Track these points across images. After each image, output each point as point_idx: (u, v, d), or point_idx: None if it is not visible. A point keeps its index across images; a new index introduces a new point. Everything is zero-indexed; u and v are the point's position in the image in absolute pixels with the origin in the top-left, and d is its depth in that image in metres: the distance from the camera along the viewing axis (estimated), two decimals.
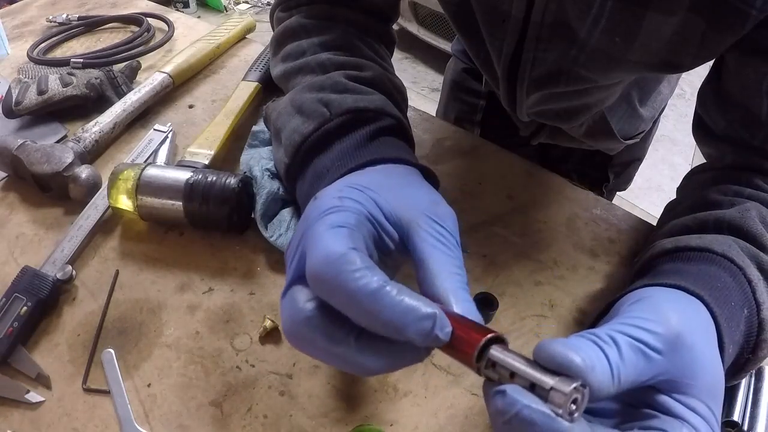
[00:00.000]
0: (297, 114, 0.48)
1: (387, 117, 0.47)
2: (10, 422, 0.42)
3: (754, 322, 0.38)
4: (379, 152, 0.43)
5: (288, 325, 0.31)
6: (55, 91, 0.67)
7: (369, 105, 0.47)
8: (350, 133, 0.45)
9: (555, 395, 0.25)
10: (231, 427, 0.42)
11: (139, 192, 0.53)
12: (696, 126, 0.55)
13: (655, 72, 0.50)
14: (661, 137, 2.44)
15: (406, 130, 0.49)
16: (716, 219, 0.44)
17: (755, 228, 0.42)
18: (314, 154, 0.46)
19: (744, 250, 0.40)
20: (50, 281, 0.49)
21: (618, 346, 0.28)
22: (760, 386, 0.43)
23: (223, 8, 3.43)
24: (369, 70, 0.52)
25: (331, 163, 0.43)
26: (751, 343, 0.38)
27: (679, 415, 0.29)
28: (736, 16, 0.41)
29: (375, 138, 0.45)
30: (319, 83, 0.50)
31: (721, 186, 0.48)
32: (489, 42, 0.57)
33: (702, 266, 0.40)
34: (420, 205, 0.36)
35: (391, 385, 0.44)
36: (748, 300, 0.38)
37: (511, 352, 0.27)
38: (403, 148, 0.46)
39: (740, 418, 0.42)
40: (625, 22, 0.45)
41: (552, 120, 0.68)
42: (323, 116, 0.46)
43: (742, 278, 0.39)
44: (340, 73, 0.50)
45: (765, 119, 0.46)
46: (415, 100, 2.42)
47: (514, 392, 0.25)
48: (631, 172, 0.94)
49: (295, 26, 0.57)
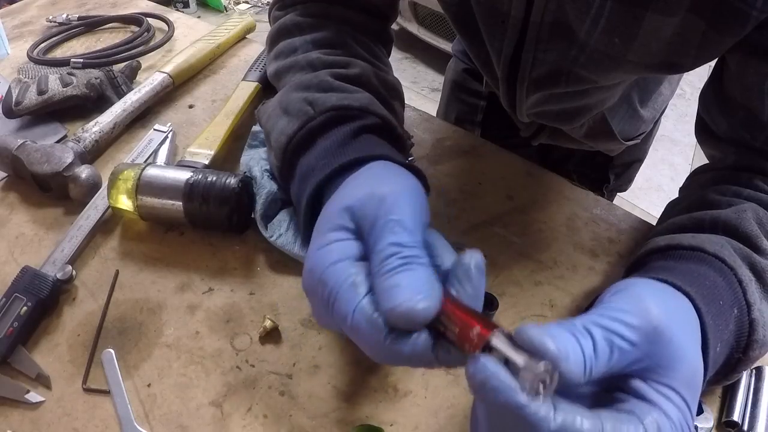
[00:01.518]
0: (283, 115, 0.48)
1: (371, 115, 0.47)
2: (10, 422, 0.42)
3: (744, 322, 0.38)
4: (363, 150, 0.42)
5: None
6: (55, 91, 0.67)
7: (353, 103, 0.47)
8: (333, 130, 0.45)
9: (525, 373, 0.26)
10: (231, 427, 0.42)
11: (139, 192, 0.53)
12: (699, 128, 0.55)
13: (655, 73, 0.50)
14: (661, 137, 2.44)
15: (393, 128, 0.48)
16: (712, 218, 0.44)
17: (750, 229, 0.42)
18: (300, 153, 0.46)
19: (737, 251, 0.40)
20: (50, 281, 0.49)
21: (593, 340, 0.28)
22: (760, 386, 0.43)
23: (223, 8, 3.43)
24: (355, 68, 0.52)
25: (316, 161, 0.43)
26: (741, 344, 0.38)
27: (652, 400, 0.29)
28: (736, 16, 0.41)
29: (358, 135, 0.45)
30: (306, 82, 0.50)
31: (720, 186, 0.48)
32: (489, 42, 0.57)
33: (692, 265, 0.40)
34: (386, 208, 0.35)
35: (391, 385, 0.44)
36: (738, 300, 0.38)
37: (499, 333, 0.28)
38: (387, 146, 0.45)
39: (740, 418, 0.42)
40: (624, 23, 0.45)
41: (552, 121, 0.68)
42: (307, 115, 0.46)
43: (732, 278, 0.38)
44: (326, 72, 0.50)
45: (766, 121, 0.46)
46: (415, 100, 2.42)
47: (487, 361, 0.27)
48: (632, 173, 0.94)
49: (290, 24, 0.57)
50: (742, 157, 0.49)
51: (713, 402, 0.43)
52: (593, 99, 0.62)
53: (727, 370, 0.39)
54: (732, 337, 0.38)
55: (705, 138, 0.54)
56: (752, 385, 0.44)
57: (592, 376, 0.28)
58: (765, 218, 0.43)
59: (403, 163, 0.41)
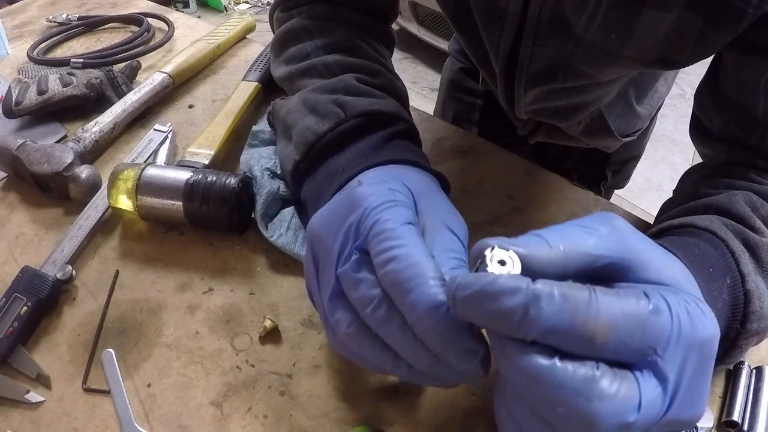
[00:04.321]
0: (310, 113, 0.49)
1: (401, 121, 0.48)
2: (10, 422, 0.42)
3: (739, 293, 0.37)
4: (395, 155, 0.44)
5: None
6: (55, 91, 0.67)
7: (383, 108, 0.48)
8: (366, 135, 0.46)
9: (484, 261, 0.28)
10: (231, 427, 0.42)
11: (139, 192, 0.53)
12: (693, 126, 0.55)
13: (652, 68, 0.50)
14: (661, 137, 2.44)
15: (417, 134, 0.50)
16: (704, 204, 0.44)
17: (742, 210, 0.42)
18: (328, 154, 0.46)
19: (728, 227, 0.40)
20: (50, 281, 0.49)
21: (558, 230, 0.29)
22: (760, 386, 0.43)
23: (223, 8, 3.43)
24: (379, 77, 0.53)
25: (347, 163, 0.44)
26: (738, 315, 0.37)
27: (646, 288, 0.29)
28: (733, 13, 0.41)
29: (390, 141, 0.46)
30: (331, 86, 0.50)
31: (712, 180, 0.48)
32: (486, 39, 0.58)
33: (682, 238, 0.40)
34: (439, 212, 0.38)
35: (391, 385, 0.44)
36: (730, 270, 0.38)
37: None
38: (418, 152, 0.47)
39: (740, 418, 0.42)
40: (620, 19, 0.45)
41: (550, 118, 0.68)
42: (338, 117, 0.47)
43: (724, 249, 0.38)
44: (351, 76, 0.51)
45: (762, 118, 0.46)
46: (415, 100, 2.41)
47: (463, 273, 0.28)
48: (629, 170, 0.94)
49: (297, 28, 0.58)
50: (734, 154, 0.49)
51: (713, 402, 0.43)
52: (590, 96, 0.62)
53: (727, 345, 0.38)
54: (727, 307, 0.37)
55: (699, 136, 0.54)
56: (752, 385, 0.44)
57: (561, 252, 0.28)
58: (758, 203, 0.43)
59: (429, 168, 0.44)
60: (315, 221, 0.38)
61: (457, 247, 0.36)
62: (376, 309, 0.32)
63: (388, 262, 0.32)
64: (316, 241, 0.38)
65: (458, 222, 0.38)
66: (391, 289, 0.32)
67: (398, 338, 0.32)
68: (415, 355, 0.32)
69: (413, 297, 0.30)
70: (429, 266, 0.31)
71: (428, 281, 0.31)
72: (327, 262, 0.36)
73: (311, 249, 0.38)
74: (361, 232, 0.34)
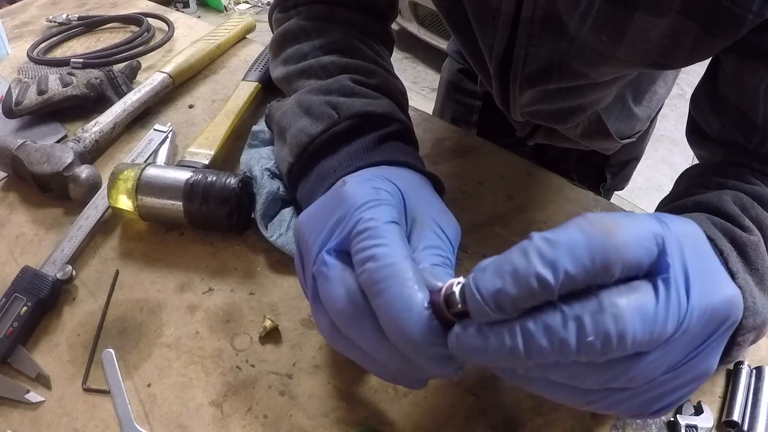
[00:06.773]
0: (305, 115, 0.49)
1: (395, 122, 0.48)
2: (10, 422, 0.42)
3: None
4: (388, 156, 0.44)
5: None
6: (55, 91, 0.67)
7: (377, 110, 0.48)
8: (359, 136, 0.46)
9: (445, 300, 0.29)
10: (231, 427, 0.42)
11: (139, 192, 0.53)
12: (690, 129, 0.54)
13: (646, 69, 0.50)
14: (661, 137, 2.44)
15: (412, 135, 0.50)
16: (694, 202, 0.44)
17: (731, 209, 0.41)
18: (321, 156, 0.46)
19: (716, 225, 0.40)
20: (50, 281, 0.49)
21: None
22: (760, 386, 0.43)
23: (223, 8, 3.43)
24: (375, 78, 0.53)
25: (339, 164, 0.44)
26: None
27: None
28: (731, 20, 0.40)
29: (383, 142, 0.46)
30: (326, 87, 0.50)
31: (704, 179, 0.47)
32: (481, 40, 0.57)
33: None
34: (428, 209, 0.37)
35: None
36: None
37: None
38: (411, 154, 0.47)
39: (740, 418, 0.42)
40: (612, 22, 0.45)
41: (546, 121, 0.68)
42: (332, 118, 0.47)
43: (712, 248, 0.38)
44: (346, 77, 0.51)
45: (762, 123, 0.45)
46: (415, 100, 2.41)
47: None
48: (629, 172, 0.94)
49: (295, 28, 0.58)
50: (731, 157, 0.49)
51: (713, 402, 0.43)
52: (587, 99, 0.62)
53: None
54: None
55: (696, 138, 0.53)
56: (752, 385, 0.44)
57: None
58: (748, 203, 0.42)
59: (423, 170, 0.43)
60: (300, 220, 0.39)
61: (442, 244, 0.36)
62: (344, 309, 0.32)
63: (366, 261, 0.31)
64: (300, 240, 0.38)
65: (448, 220, 0.38)
66: (366, 288, 0.32)
67: (366, 339, 0.32)
68: (385, 357, 0.32)
69: (386, 297, 0.30)
70: (406, 266, 0.31)
71: (405, 282, 0.30)
72: (308, 260, 0.36)
73: (298, 248, 0.38)
74: (343, 231, 0.34)
